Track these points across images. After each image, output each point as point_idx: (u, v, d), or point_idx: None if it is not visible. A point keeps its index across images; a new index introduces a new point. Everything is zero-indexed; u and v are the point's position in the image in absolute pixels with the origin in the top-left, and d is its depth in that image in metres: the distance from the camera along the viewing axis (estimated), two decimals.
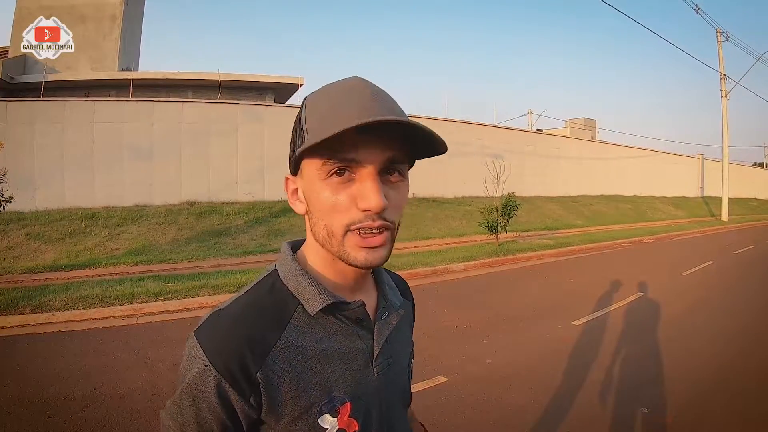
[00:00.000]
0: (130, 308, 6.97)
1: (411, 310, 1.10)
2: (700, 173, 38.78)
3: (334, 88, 0.80)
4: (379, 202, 0.74)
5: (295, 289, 0.83)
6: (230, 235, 13.01)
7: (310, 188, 0.79)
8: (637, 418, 3.98)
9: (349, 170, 0.75)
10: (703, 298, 8.40)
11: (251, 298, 0.83)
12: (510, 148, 22.17)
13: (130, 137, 14.49)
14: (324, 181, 0.76)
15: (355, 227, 0.76)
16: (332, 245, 0.79)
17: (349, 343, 0.85)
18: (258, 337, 0.77)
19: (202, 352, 0.75)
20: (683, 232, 21.17)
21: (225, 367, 0.74)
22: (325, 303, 0.81)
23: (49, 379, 4.55)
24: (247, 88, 20.86)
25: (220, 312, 0.80)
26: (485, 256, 11.89)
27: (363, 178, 0.75)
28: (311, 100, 0.80)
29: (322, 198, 0.77)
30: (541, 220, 20.17)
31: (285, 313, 0.81)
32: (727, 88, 29.91)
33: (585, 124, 38.76)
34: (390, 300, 0.93)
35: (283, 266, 0.86)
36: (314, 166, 0.77)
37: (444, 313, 7.02)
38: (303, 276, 0.83)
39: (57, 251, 10.81)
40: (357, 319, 0.85)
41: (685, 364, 5.15)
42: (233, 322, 0.78)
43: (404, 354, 0.99)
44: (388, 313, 0.92)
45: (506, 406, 4.14)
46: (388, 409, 0.90)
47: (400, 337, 0.97)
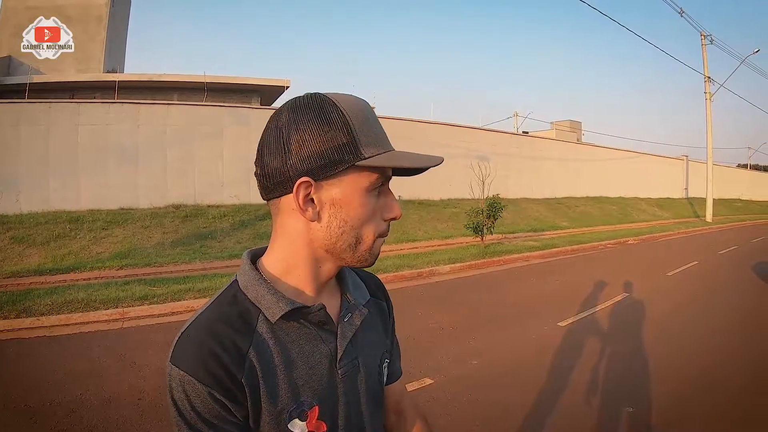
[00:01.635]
0: (115, 312, 6.93)
1: (385, 308, 1.10)
2: (684, 174, 39.02)
3: (357, 102, 0.84)
4: (401, 211, 0.89)
5: (255, 298, 0.83)
6: (216, 238, 12.95)
7: (351, 197, 0.82)
8: (622, 417, 4.03)
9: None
10: (688, 298, 8.50)
11: (215, 312, 0.83)
12: (496, 151, 22.23)
13: (116, 139, 14.36)
14: (370, 192, 0.83)
15: (381, 234, 0.87)
16: (356, 251, 0.85)
17: (312, 347, 0.85)
18: (232, 346, 0.78)
19: (183, 373, 0.75)
20: (668, 233, 21.33)
21: (211, 377, 0.75)
22: (284, 310, 0.82)
23: (34, 385, 4.52)
24: (233, 91, 20.79)
25: (187, 332, 0.80)
26: (471, 258, 11.93)
27: (387, 191, 0.88)
28: (350, 109, 0.81)
29: (366, 208, 0.83)
30: (526, 221, 20.24)
31: (249, 323, 0.82)
32: (711, 90, 30.16)
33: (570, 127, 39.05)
34: (353, 300, 0.94)
35: (242, 276, 0.87)
36: (364, 177, 0.81)
37: (430, 315, 7.04)
38: (262, 285, 0.84)
39: (42, 255, 10.72)
40: (319, 323, 0.86)
41: (669, 363, 5.21)
42: (204, 336, 0.78)
43: (374, 354, 0.99)
44: (351, 314, 0.92)
45: (492, 407, 4.16)
46: (357, 411, 0.91)
47: (369, 338, 0.98)
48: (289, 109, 0.82)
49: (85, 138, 14.05)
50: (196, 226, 13.37)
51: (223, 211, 14.35)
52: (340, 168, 0.79)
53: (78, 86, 18.72)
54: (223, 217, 14.07)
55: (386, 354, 1.05)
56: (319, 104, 0.80)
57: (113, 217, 13.00)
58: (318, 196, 0.81)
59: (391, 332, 1.13)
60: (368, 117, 0.83)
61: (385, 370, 1.04)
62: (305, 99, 0.82)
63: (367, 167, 0.80)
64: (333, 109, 0.80)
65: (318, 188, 0.81)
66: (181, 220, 13.59)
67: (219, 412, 0.76)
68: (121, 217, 13.09)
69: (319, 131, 0.79)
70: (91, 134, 14.11)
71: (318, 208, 0.82)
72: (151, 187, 14.58)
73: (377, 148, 0.81)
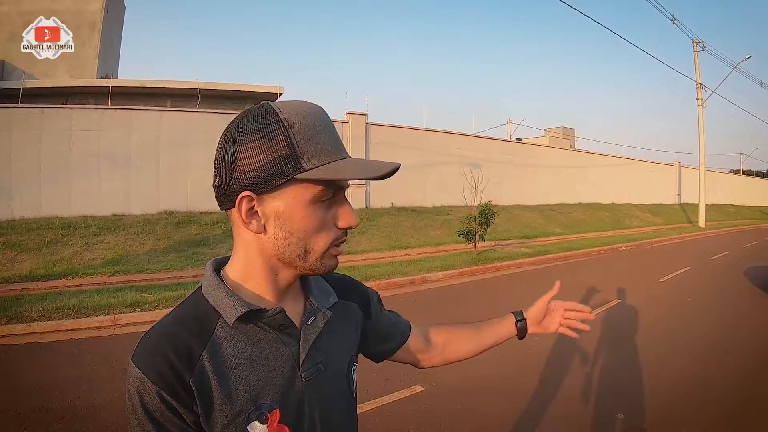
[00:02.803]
0: (106, 319, 6.91)
1: (356, 309, 1.10)
2: (677, 180, 39.22)
3: (307, 111, 0.83)
4: (358, 219, 0.89)
5: (214, 302, 0.85)
6: (208, 245, 12.92)
7: (295, 209, 0.82)
8: (614, 424, 4.04)
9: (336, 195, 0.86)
10: (680, 304, 8.53)
11: (176, 316, 0.86)
12: (489, 158, 22.32)
13: (108, 146, 14.34)
14: (316, 203, 0.83)
15: (336, 242, 0.87)
16: (306, 261, 0.86)
17: (273, 350, 0.87)
18: (184, 349, 0.80)
19: (139, 371, 0.78)
20: (661, 239, 21.39)
21: (161, 378, 0.77)
22: (239, 313, 0.83)
23: (24, 391, 4.50)
24: (227, 97, 20.77)
25: (149, 333, 0.83)
26: (463, 265, 11.94)
27: (342, 200, 0.88)
28: (293, 119, 0.81)
29: (312, 219, 0.83)
30: (519, 228, 20.26)
31: (208, 326, 0.84)
32: (703, 96, 30.26)
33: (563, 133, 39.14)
34: (316, 303, 0.95)
35: (205, 282, 0.89)
36: (308, 189, 0.81)
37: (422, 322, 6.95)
38: (221, 289, 0.86)
39: (33, 261, 10.68)
40: (279, 326, 0.87)
41: (661, 369, 5.23)
42: (160, 338, 0.81)
43: (341, 357, 1.00)
44: (314, 317, 0.93)
45: (483, 415, 4.17)
46: (325, 415, 0.92)
47: (335, 341, 0.98)
48: (237, 121, 0.83)
49: (78, 144, 14.03)
50: (189, 233, 13.35)
51: (216, 218, 14.32)
52: (280, 181, 0.80)
53: (71, 92, 18.65)
54: (215, 224, 14.04)
55: (355, 357, 1.06)
56: (263, 116, 0.81)
57: (105, 224, 12.98)
58: (261, 209, 0.82)
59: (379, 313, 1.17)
60: (315, 126, 0.82)
61: (353, 373, 1.04)
62: (252, 111, 0.83)
63: (308, 179, 0.80)
64: (275, 121, 0.80)
65: (261, 201, 0.82)
66: (174, 226, 13.57)
67: (166, 412, 0.78)
68: (113, 224, 13.06)
69: (260, 144, 0.79)
70: (84, 140, 14.09)
71: (263, 221, 0.83)
72: (143, 193, 14.58)
73: (321, 158, 0.81)
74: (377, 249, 14.27)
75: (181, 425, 0.79)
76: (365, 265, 11.56)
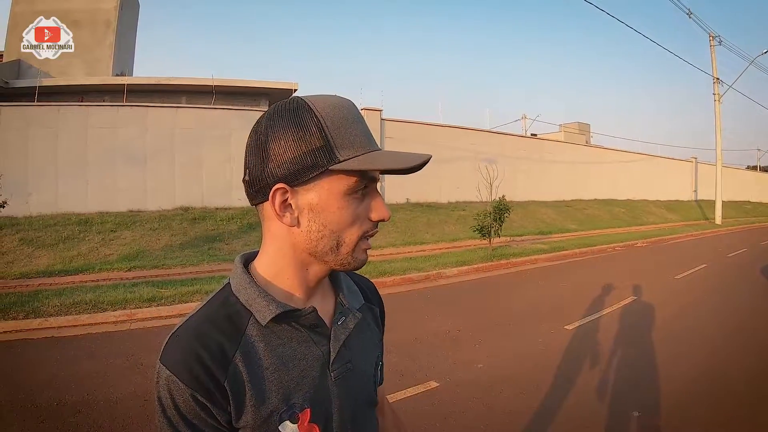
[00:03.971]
0: (123, 314, 6.96)
1: (377, 314, 1.10)
2: (693, 177, 38.79)
3: (337, 103, 0.83)
4: (390, 212, 0.87)
5: (245, 300, 0.84)
6: (224, 240, 12.97)
7: (329, 202, 0.81)
8: (629, 421, 4.00)
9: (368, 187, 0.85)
10: (696, 302, 8.44)
11: (205, 314, 0.84)
12: (504, 153, 22.19)
13: (124, 142, 14.47)
14: (350, 196, 0.82)
15: (367, 234, 0.86)
16: (338, 254, 0.85)
17: (305, 350, 0.86)
18: (217, 349, 0.79)
19: (169, 372, 0.77)
20: (677, 236, 21.23)
21: (194, 379, 0.76)
22: (274, 313, 0.82)
23: (41, 385, 4.54)
24: (241, 94, 20.85)
25: (177, 332, 0.81)
26: (478, 260, 11.90)
27: (374, 193, 0.87)
28: (325, 111, 0.81)
29: (347, 212, 0.82)
30: (534, 224, 20.17)
31: (239, 325, 0.82)
32: (720, 91, 29.99)
33: (579, 129, 38.83)
34: (347, 304, 0.95)
35: (234, 279, 0.88)
36: (342, 181, 0.81)
37: (436, 318, 7.03)
38: (253, 288, 0.85)
39: (50, 256, 10.77)
40: (311, 326, 0.87)
41: (677, 367, 5.17)
42: (192, 338, 0.79)
43: (367, 358, 0.99)
44: (345, 318, 0.93)
45: (498, 411, 4.15)
46: (351, 414, 0.91)
47: (362, 341, 0.98)
48: (267, 115, 0.83)
49: (94, 141, 14.15)
50: (205, 229, 13.42)
51: (232, 214, 14.38)
52: (315, 173, 0.79)
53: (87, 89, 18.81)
54: (231, 220, 14.11)
55: (380, 357, 1.06)
56: (295, 109, 0.81)
57: (122, 220, 13.07)
58: (295, 201, 0.82)
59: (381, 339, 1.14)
60: (347, 118, 0.82)
61: (379, 374, 1.05)
62: (283, 104, 0.83)
63: (342, 170, 0.80)
64: (308, 113, 0.80)
65: (294, 194, 0.81)
66: (190, 222, 13.64)
67: (200, 413, 0.77)
68: (129, 220, 13.16)
69: (293, 136, 0.79)
70: (100, 137, 14.22)
71: (296, 213, 0.82)
72: (159, 189, 14.67)
73: (355, 150, 0.80)
74: (392, 244, 14.24)
75: (214, 426, 0.78)
76: (380, 260, 11.54)
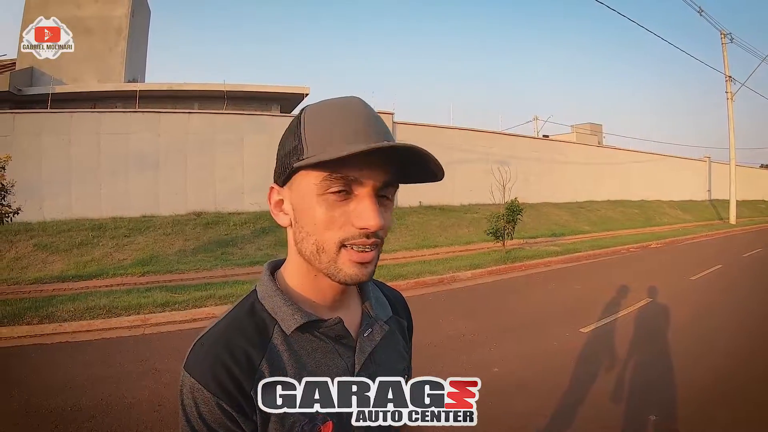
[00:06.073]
0: (137, 319, 6.98)
1: (405, 327, 1.07)
2: (707, 176, 38.56)
3: (335, 104, 0.80)
4: (378, 221, 0.76)
5: (271, 309, 0.83)
6: (237, 245, 13.02)
7: (303, 202, 0.79)
8: (646, 426, 3.96)
9: (346, 188, 0.76)
10: (712, 303, 8.35)
11: (231, 321, 0.83)
12: (516, 155, 22.11)
13: (137, 148, 14.56)
14: (321, 196, 0.77)
15: (350, 243, 0.77)
16: (321, 261, 0.80)
17: (329, 361, 0.83)
18: (243, 357, 0.78)
19: (194, 380, 0.75)
20: (691, 236, 21.08)
21: (220, 387, 0.75)
22: (299, 323, 0.81)
23: (56, 389, 4.55)
24: (253, 99, 20.91)
25: (202, 340, 0.81)
26: (492, 263, 11.85)
27: (361, 197, 0.77)
28: (312, 113, 0.80)
29: (318, 213, 0.77)
30: (547, 226, 20.09)
31: (264, 334, 0.81)
32: (732, 90, 29.82)
33: (591, 129, 38.66)
34: (375, 316, 0.92)
35: (261, 287, 0.87)
36: (311, 180, 0.77)
37: (451, 322, 6.99)
38: (279, 296, 0.83)
39: (64, 262, 10.85)
40: (336, 337, 0.85)
41: (694, 369, 5.11)
42: (218, 346, 0.78)
43: (393, 371, 0.94)
44: (372, 329, 0.90)
45: (513, 415, 4.11)
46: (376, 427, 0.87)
47: (389, 354, 0.95)
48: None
49: (107, 147, 14.26)
50: (217, 233, 13.46)
51: (244, 218, 14.44)
52: (287, 171, 0.80)
53: (99, 96, 18.95)
54: (244, 224, 14.15)
55: (406, 370, 1.02)
56: (299, 112, 0.82)
57: (135, 225, 13.15)
58: (287, 201, 0.83)
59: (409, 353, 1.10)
60: (335, 119, 0.78)
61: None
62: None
63: (307, 167, 0.76)
64: (299, 115, 0.81)
65: (281, 193, 0.84)
66: (203, 227, 13.69)
67: (225, 422, 0.76)
68: (142, 225, 13.23)
69: (284, 138, 0.83)
70: (113, 143, 14.32)
71: (289, 214, 0.82)
72: (172, 194, 14.74)
73: (332, 147, 0.74)
74: (405, 248, 14.23)
75: None
76: (394, 264, 11.54)
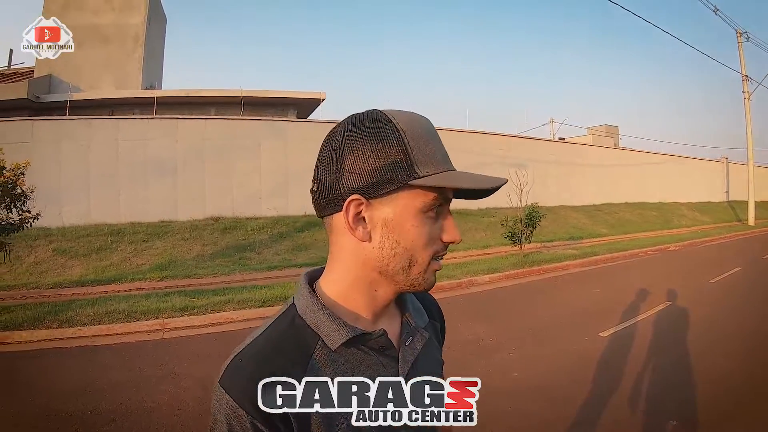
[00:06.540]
0: (156, 323, 7.02)
1: (440, 330, 1.07)
2: (725, 177, 38.06)
3: (416, 119, 0.82)
4: (460, 235, 0.84)
5: (313, 323, 0.81)
6: (255, 249, 13.07)
7: (404, 218, 0.79)
8: (665, 431, 3.92)
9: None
10: (733, 306, 8.25)
11: (270, 336, 0.81)
12: (532, 158, 21.98)
13: (155, 154, 14.68)
14: (425, 214, 0.79)
15: (437, 255, 0.83)
16: (409, 275, 0.81)
17: (372, 374, 0.81)
18: (283, 376, 0.75)
19: (229, 398, 0.74)
20: (710, 238, 20.81)
21: (256, 409, 0.73)
22: (345, 338, 0.80)
23: (75, 393, 4.59)
24: (270, 104, 20.96)
25: (241, 354, 0.78)
26: (510, 267, 11.78)
27: (446, 213, 0.83)
28: (405, 124, 0.79)
29: (422, 230, 0.79)
30: (565, 229, 19.96)
31: (306, 350, 0.79)
32: (749, 89, 29.49)
33: (607, 131, 38.40)
34: (414, 324, 0.91)
35: (300, 300, 0.85)
36: (420, 199, 0.78)
37: (469, 326, 6.96)
38: (321, 310, 0.82)
39: (84, 266, 10.95)
40: (380, 348, 0.84)
41: (714, 374, 5.04)
42: (256, 364, 0.76)
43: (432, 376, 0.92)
44: (413, 338, 0.90)
45: (532, 420, 4.09)
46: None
47: (428, 361, 0.93)
48: (344, 125, 0.81)
49: (125, 153, 14.38)
50: (235, 238, 13.52)
51: (262, 223, 14.49)
52: (392, 187, 0.77)
53: (117, 103, 19.08)
54: (261, 229, 14.21)
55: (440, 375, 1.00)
56: (374, 120, 0.79)
57: (153, 230, 13.24)
58: (370, 214, 0.79)
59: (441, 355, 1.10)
60: (426, 135, 0.80)
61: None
62: (361, 115, 0.81)
63: (420, 187, 0.77)
64: (388, 126, 0.78)
65: (369, 207, 0.79)
66: (220, 232, 13.76)
67: None
68: (161, 230, 13.33)
69: (372, 148, 0.77)
70: (131, 149, 14.45)
71: (369, 228, 0.80)
72: (190, 200, 14.82)
73: (434, 167, 0.78)
74: None
75: None
76: None
